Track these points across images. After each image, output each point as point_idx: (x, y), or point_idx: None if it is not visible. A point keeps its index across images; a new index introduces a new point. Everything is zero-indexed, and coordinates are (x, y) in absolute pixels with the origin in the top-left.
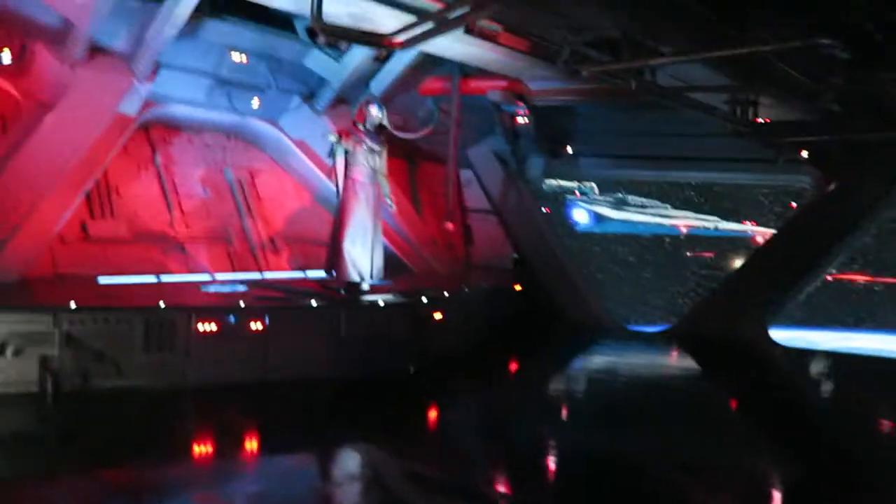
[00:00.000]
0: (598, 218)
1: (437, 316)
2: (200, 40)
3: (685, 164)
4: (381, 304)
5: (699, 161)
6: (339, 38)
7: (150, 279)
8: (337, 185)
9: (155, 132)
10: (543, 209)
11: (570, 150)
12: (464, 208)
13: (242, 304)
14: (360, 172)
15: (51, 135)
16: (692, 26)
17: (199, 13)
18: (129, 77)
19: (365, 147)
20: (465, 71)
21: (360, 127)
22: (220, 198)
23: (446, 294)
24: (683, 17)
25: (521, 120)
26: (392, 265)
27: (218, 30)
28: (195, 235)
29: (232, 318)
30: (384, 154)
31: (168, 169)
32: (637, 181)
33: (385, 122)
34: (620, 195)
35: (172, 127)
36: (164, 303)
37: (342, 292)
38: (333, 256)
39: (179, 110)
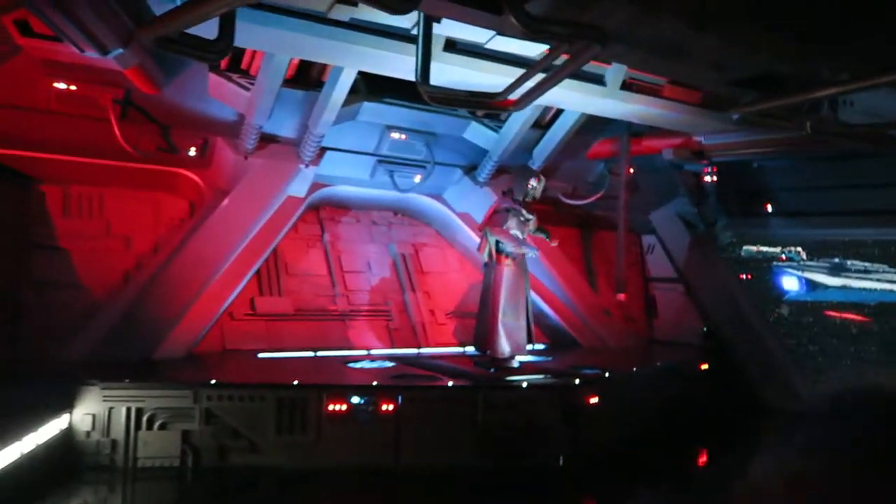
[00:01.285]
0: (812, 285)
1: (593, 400)
2: (360, 123)
3: None
4: (525, 385)
5: None
6: (444, 103)
7: (307, 354)
8: (489, 257)
9: (324, 212)
10: (741, 276)
11: (769, 208)
12: (647, 277)
13: (375, 384)
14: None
15: (225, 218)
16: (869, 44)
17: (356, 97)
18: (296, 162)
19: (521, 219)
20: (634, 130)
21: (517, 198)
22: (384, 273)
23: (607, 374)
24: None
25: (707, 178)
26: (560, 339)
27: (376, 111)
28: (357, 310)
29: (360, 399)
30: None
31: (334, 246)
32: (853, 243)
33: (537, 195)
34: (837, 260)
35: (340, 206)
36: (301, 380)
37: (492, 370)
38: (485, 331)
39: (345, 190)
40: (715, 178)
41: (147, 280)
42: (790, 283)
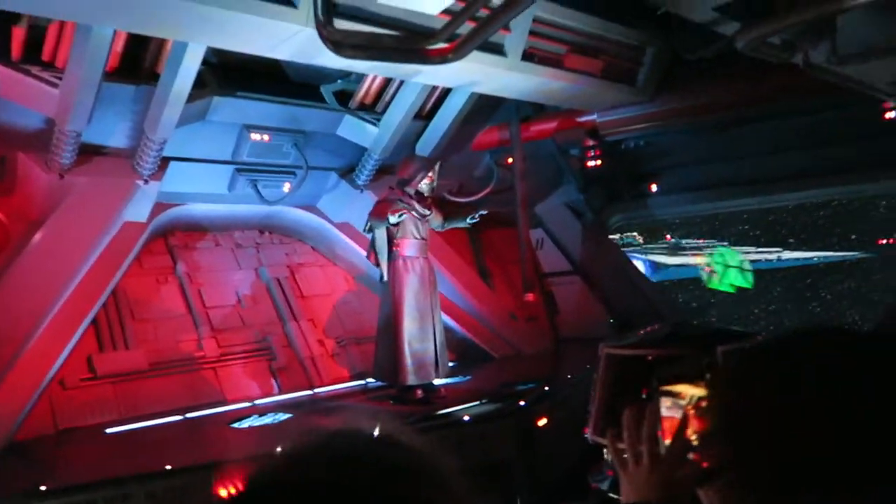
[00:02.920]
0: (656, 266)
1: (542, 422)
2: (212, 124)
3: (799, 182)
4: (466, 418)
5: (816, 177)
6: (358, 54)
7: (174, 418)
8: (380, 266)
9: (174, 238)
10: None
11: (654, 188)
12: (542, 274)
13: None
14: (409, 246)
15: (41, 256)
16: None
17: (204, 91)
18: (132, 177)
19: (415, 215)
20: (523, 115)
21: (410, 192)
22: (258, 304)
23: (546, 388)
24: None
25: (591, 163)
26: (468, 353)
27: (230, 108)
28: (230, 353)
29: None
30: (434, 218)
31: (192, 278)
32: (687, 222)
33: (434, 185)
34: (674, 240)
35: (194, 229)
36: (176, 461)
37: (412, 402)
38: (387, 359)
39: (199, 209)
40: (599, 162)
41: None
42: (639, 267)
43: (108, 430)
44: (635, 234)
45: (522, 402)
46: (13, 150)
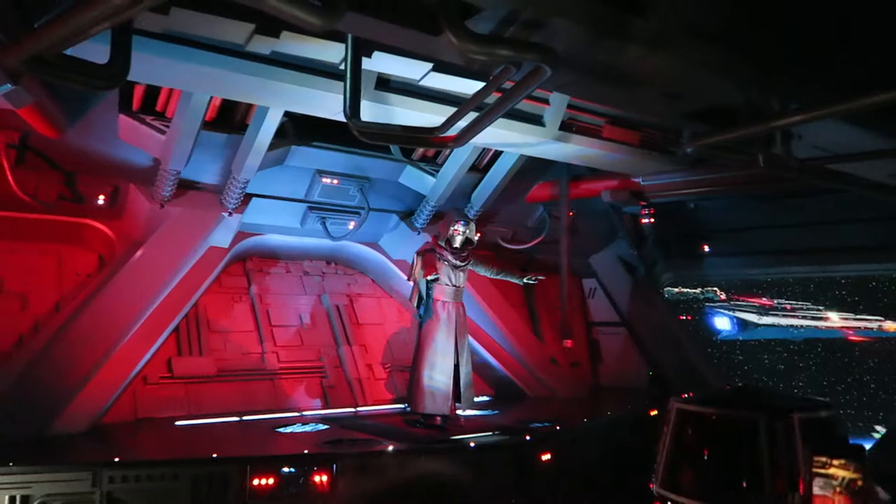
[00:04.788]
0: (743, 325)
1: (545, 457)
2: (289, 168)
3: (849, 255)
4: (472, 445)
5: (867, 251)
6: (376, 139)
7: (231, 419)
8: (416, 305)
9: (251, 263)
10: (681, 317)
11: (707, 248)
12: (590, 322)
13: (305, 452)
14: (442, 292)
15: (138, 271)
16: (823, 74)
17: (284, 141)
18: (219, 210)
19: (448, 265)
20: (574, 173)
21: (442, 243)
22: (317, 326)
23: (558, 427)
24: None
25: (644, 220)
26: (505, 390)
27: (305, 156)
28: (288, 368)
29: (291, 470)
30: (478, 266)
31: (262, 299)
32: (780, 282)
33: (474, 238)
34: (766, 299)
35: (268, 256)
36: (223, 451)
37: (431, 428)
38: (411, 385)
39: (274, 239)
40: (653, 220)
41: (44, 344)
42: (722, 323)
43: (177, 423)
44: (716, 289)
45: (528, 437)
46: (126, 182)
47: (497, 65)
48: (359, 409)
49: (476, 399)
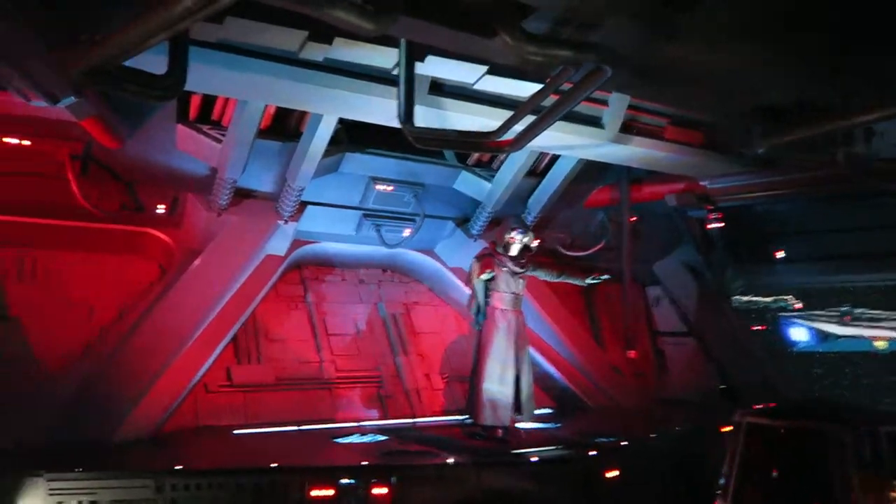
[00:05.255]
0: (822, 336)
1: (612, 474)
2: (343, 175)
3: None
4: (534, 459)
5: None
6: (431, 144)
7: (290, 428)
8: (475, 313)
9: (306, 271)
10: (754, 327)
11: (780, 254)
12: (655, 331)
13: (364, 464)
14: (501, 299)
15: (197, 280)
16: None
17: (338, 147)
18: (275, 218)
19: (506, 271)
20: (634, 176)
21: (500, 250)
22: (374, 335)
23: (624, 443)
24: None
25: (712, 225)
26: (567, 401)
27: (359, 162)
28: (345, 377)
29: (350, 481)
30: (539, 270)
31: (319, 307)
32: (857, 290)
33: (532, 245)
34: (846, 308)
35: (324, 264)
36: (282, 461)
37: (492, 440)
38: (471, 396)
39: (329, 247)
40: (721, 224)
41: (109, 352)
42: (799, 334)
43: (236, 432)
44: (790, 297)
45: (593, 452)
46: (184, 191)
47: (554, 66)
48: (417, 419)
49: (537, 411)
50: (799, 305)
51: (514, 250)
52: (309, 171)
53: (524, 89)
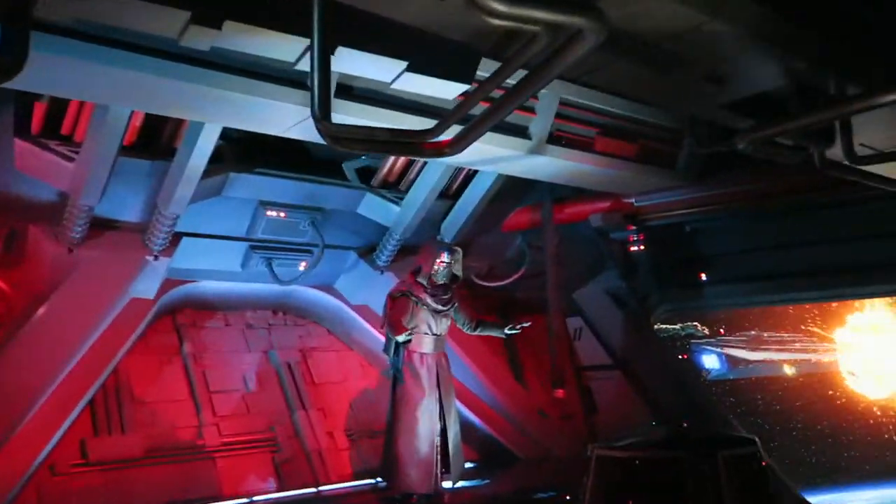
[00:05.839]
0: (732, 361)
1: None
2: (227, 200)
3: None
4: None
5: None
6: (354, 146)
7: None
8: (388, 355)
9: (182, 316)
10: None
11: (703, 277)
12: (578, 366)
13: None
14: (420, 342)
15: (42, 332)
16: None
17: (221, 167)
18: (143, 252)
19: (426, 309)
20: (557, 195)
21: (421, 281)
22: (265, 389)
23: (568, 497)
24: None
25: (634, 247)
26: (491, 452)
27: (246, 184)
28: (232, 443)
29: None
30: (459, 313)
31: (198, 360)
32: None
33: (457, 272)
34: (754, 332)
35: (204, 307)
36: None
37: None
38: (387, 456)
39: (210, 286)
40: (643, 247)
41: None
42: (711, 361)
43: None
44: (696, 323)
45: None
46: (24, 223)
47: (519, 36)
48: (321, 487)
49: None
50: (706, 331)
51: (442, 277)
52: (185, 196)
53: (449, 91)
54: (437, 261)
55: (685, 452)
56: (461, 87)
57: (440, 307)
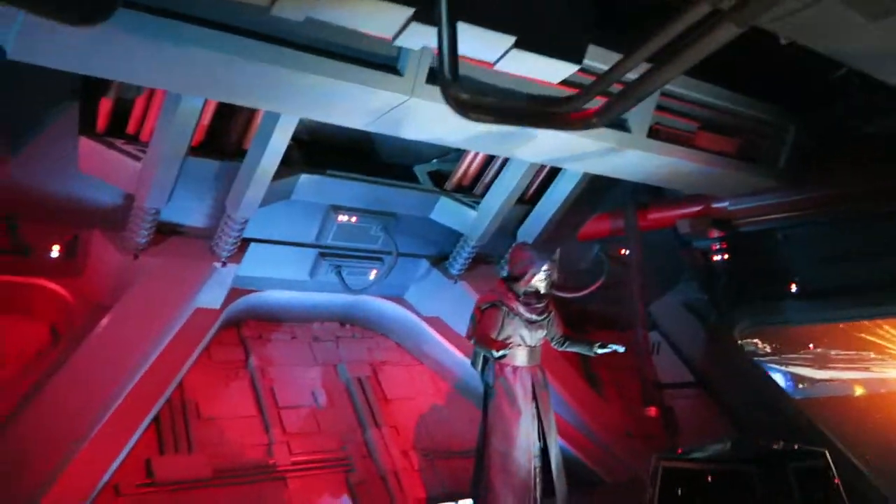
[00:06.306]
0: (797, 380)
1: None
2: (296, 204)
3: None
4: None
5: None
6: (486, 115)
7: None
8: (479, 371)
9: (247, 328)
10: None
11: (794, 288)
12: (657, 384)
13: None
14: (513, 355)
15: (105, 345)
16: None
17: (291, 170)
18: (209, 260)
19: (520, 320)
20: (638, 201)
21: (513, 289)
22: (335, 405)
23: None
24: None
25: (717, 256)
26: (575, 475)
27: (317, 187)
28: (303, 462)
29: None
30: (552, 325)
31: (265, 373)
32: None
33: (554, 279)
34: (820, 350)
35: (270, 318)
36: None
37: None
38: (479, 478)
39: (276, 296)
40: (726, 256)
41: None
42: (776, 380)
43: None
44: (757, 340)
45: None
46: (87, 228)
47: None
48: None
49: None
50: (768, 349)
51: (542, 286)
52: (255, 199)
53: (555, 73)
54: (531, 274)
55: (753, 465)
56: (569, 69)
57: (535, 317)
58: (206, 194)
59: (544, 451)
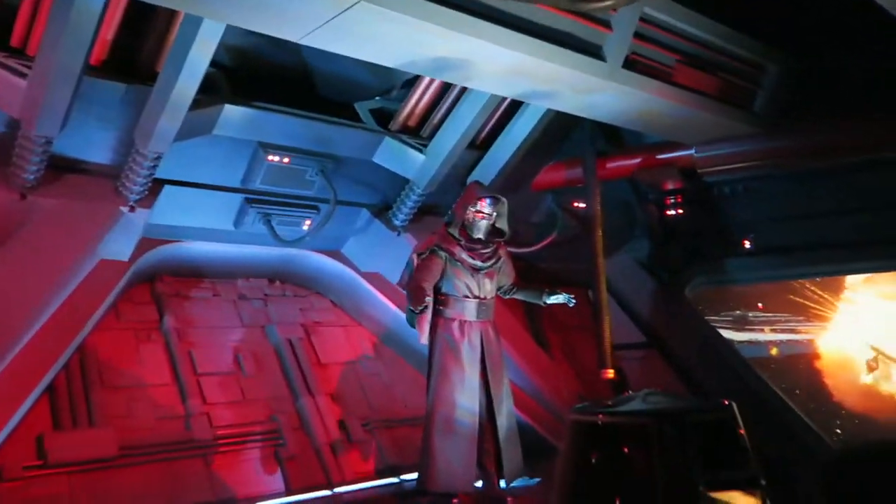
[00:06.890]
0: None
1: None
2: (219, 140)
3: None
4: None
5: None
6: None
7: None
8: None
9: (162, 283)
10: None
11: (748, 245)
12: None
13: None
14: (458, 307)
15: None
16: None
17: (213, 98)
18: (115, 203)
19: (463, 267)
20: (597, 149)
21: (454, 234)
22: (263, 372)
23: None
24: None
25: (672, 211)
26: (528, 446)
27: (244, 121)
28: (227, 436)
29: None
30: (504, 274)
31: (182, 336)
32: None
33: (502, 226)
34: (739, 312)
35: (189, 273)
36: None
37: None
38: (422, 449)
39: (197, 248)
40: (681, 210)
41: None
42: None
43: None
44: None
45: None
46: None
47: None
48: (336, 489)
49: None
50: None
51: (480, 231)
52: (170, 130)
53: None
54: (475, 210)
55: (649, 417)
56: None
57: (480, 264)
58: (110, 124)
59: (493, 418)
